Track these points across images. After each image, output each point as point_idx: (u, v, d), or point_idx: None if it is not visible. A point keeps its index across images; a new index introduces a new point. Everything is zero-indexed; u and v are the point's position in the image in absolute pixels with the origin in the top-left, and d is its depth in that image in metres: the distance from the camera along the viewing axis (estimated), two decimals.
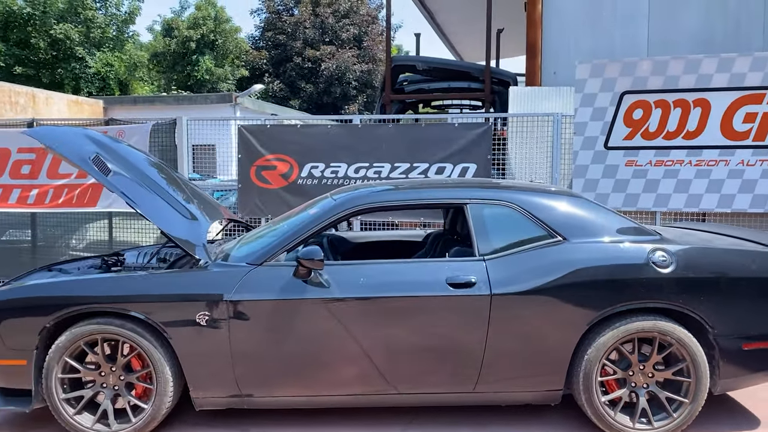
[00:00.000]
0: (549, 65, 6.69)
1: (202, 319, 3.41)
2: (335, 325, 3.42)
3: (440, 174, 6.29)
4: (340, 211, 3.60)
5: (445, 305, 3.39)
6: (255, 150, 6.74)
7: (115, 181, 3.68)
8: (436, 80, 7.69)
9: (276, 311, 3.42)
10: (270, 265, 3.51)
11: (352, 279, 3.44)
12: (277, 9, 30.16)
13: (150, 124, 7.02)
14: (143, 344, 3.43)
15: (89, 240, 7.73)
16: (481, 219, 3.58)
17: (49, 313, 3.42)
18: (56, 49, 20.46)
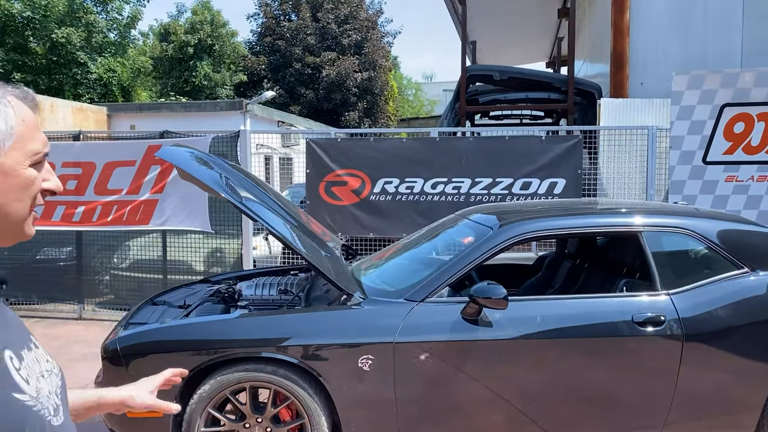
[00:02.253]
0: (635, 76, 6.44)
1: (365, 364, 3.06)
2: (510, 368, 3.09)
3: (526, 189, 6.00)
4: (504, 240, 3.28)
5: (633, 346, 3.09)
6: (324, 165, 6.39)
7: (253, 206, 3.31)
8: (512, 90, 7.40)
9: (445, 353, 3.08)
10: (432, 301, 3.18)
11: (528, 317, 3.12)
12: (275, 14, 29.70)
13: (210, 136, 6.63)
14: (297, 392, 3.07)
15: (139, 259, 7.29)
16: (659, 248, 3.29)
17: (197, 359, 3.04)
18: (56, 54, 19.78)
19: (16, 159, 0.94)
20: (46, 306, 7.26)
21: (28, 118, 0.98)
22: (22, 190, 0.96)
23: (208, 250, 7.20)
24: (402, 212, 6.25)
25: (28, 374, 0.93)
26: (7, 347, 0.92)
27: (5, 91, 0.97)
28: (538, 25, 13.05)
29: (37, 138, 0.98)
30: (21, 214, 0.97)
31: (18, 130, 0.95)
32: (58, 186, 1.04)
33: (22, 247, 7.41)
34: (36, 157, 0.97)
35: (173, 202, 6.72)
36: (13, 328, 0.99)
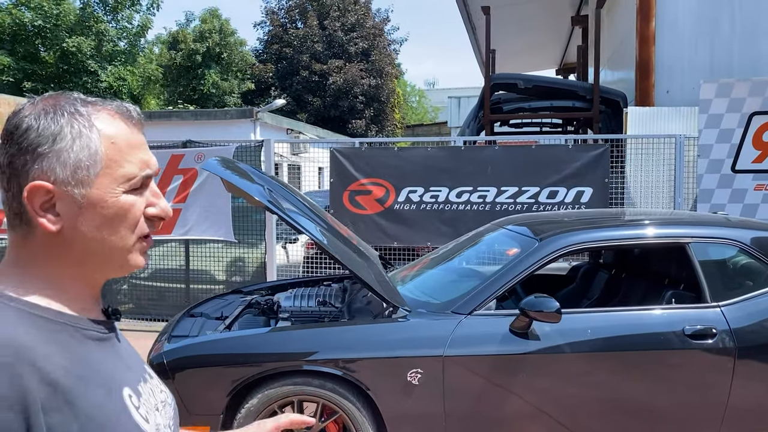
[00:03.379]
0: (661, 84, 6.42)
1: (414, 378, 3.03)
2: (560, 382, 3.06)
3: (552, 198, 5.97)
4: (550, 253, 3.25)
5: (685, 359, 3.05)
6: (348, 174, 6.37)
7: (297, 218, 3.29)
8: (536, 98, 7.39)
9: (494, 367, 3.05)
10: (480, 314, 3.15)
11: (577, 329, 3.09)
12: (282, 22, 29.80)
13: (233, 146, 6.62)
14: (345, 406, 3.04)
15: (160, 268, 7.27)
16: (707, 260, 3.26)
17: (245, 372, 3.02)
18: (66, 62, 19.85)
19: (105, 187, 0.84)
20: None
21: (119, 139, 0.86)
22: (116, 221, 0.85)
23: (230, 259, 7.19)
24: (426, 221, 6.23)
25: (147, 411, 0.89)
26: (126, 385, 0.87)
27: (94, 109, 0.86)
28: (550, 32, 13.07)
29: (132, 159, 0.87)
30: (121, 246, 0.87)
31: (106, 154, 0.84)
32: (166, 211, 0.92)
33: None
34: (132, 183, 0.86)
35: (196, 211, 6.71)
36: (129, 362, 0.94)
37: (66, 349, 0.81)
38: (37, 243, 0.85)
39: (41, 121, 0.83)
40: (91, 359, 0.84)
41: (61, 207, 0.83)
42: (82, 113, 0.85)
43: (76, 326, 0.85)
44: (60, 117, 0.84)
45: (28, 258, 0.86)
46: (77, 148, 0.83)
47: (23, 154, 0.83)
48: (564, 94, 7.26)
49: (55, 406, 0.76)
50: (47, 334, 0.80)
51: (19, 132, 0.83)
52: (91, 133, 0.84)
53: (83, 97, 0.89)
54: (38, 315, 0.81)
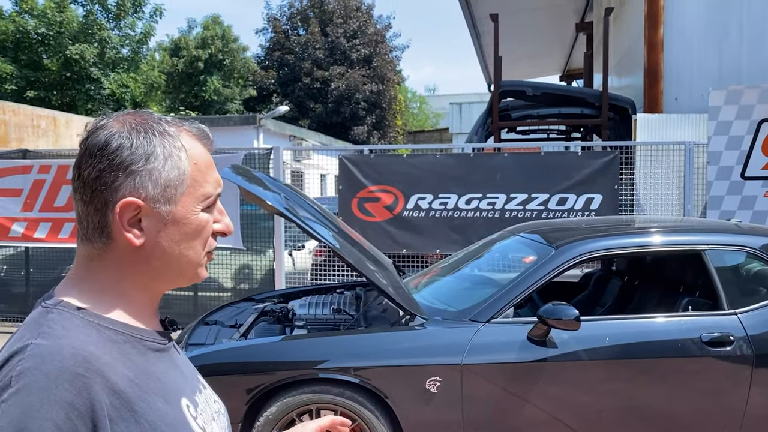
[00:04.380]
0: (669, 91, 6.43)
1: (432, 385, 3.03)
2: (579, 389, 3.06)
3: (562, 205, 5.98)
4: (568, 260, 3.26)
5: (702, 366, 3.05)
6: (357, 181, 6.38)
7: (314, 226, 3.30)
8: (544, 105, 7.40)
9: (513, 375, 3.05)
10: (498, 322, 3.15)
11: (596, 337, 3.09)
12: (284, 29, 29.90)
13: (241, 153, 6.63)
14: (364, 414, 3.04)
15: None
16: (723, 267, 3.26)
17: (264, 380, 3.02)
18: (69, 69, 19.92)
19: (187, 206, 0.89)
20: None
21: (200, 160, 0.91)
22: (193, 236, 0.90)
23: (238, 266, 7.18)
24: (436, 228, 6.23)
25: (204, 421, 0.91)
26: (184, 395, 0.89)
27: (180, 130, 0.91)
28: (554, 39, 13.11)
29: (209, 179, 0.92)
30: (194, 260, 0.92)
31: (190, 174, 0.89)
32: (229, 228, 0.97)
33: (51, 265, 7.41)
34: (208, 201, 0.91)
35: None
36: (186, 372, 0.96)
37: (130, 360, 0.83)
38: (115, 256, 0.88)
39: (134, 140, 0.86)
40: (152, 369, 0.87)
41: (146, 223, 0.87)
42: (171, 134, 0.90)
43: (139, 337, 0.88)
44: (152, 136, 0.88)
45: (100, 271, 0.88)
46: (168, 167, 0.87)
47: (114, 170, 0.85)
48: (572, 101, 7.29)
49: (120, 416, 0.78)
50: (113, 345, 0.83)
51: (111, 149, 0.85)
52: (181, 154, 0.89)
53: (166, 117, 0.93)
54: (106, 327, 0.84)
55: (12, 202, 7.10)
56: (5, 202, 7.13)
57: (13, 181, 7.13)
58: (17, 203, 7.08)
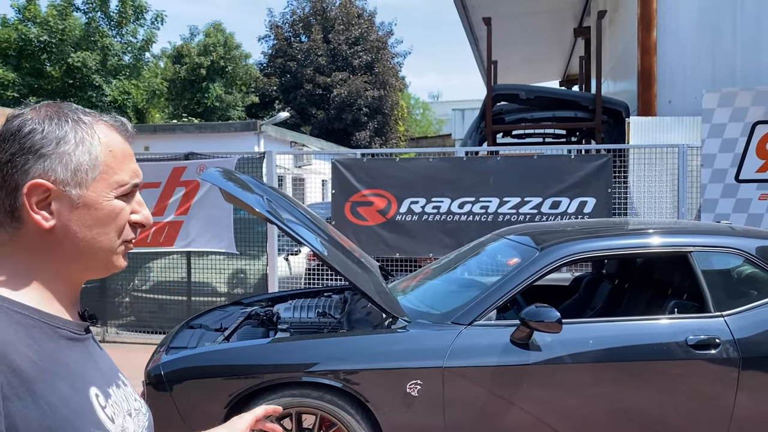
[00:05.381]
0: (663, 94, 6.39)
1: (413, 389, 2.99)
2: (561, 393, 3.02)
3: (555, 208, 5.95)
4: (551, 262, 3.22)
5: (688, 369, 3.01)
6: (350, 185, 6.37)
7: (296, 229, 3.28)
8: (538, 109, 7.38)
9: (495, 378, 3.01)
10: (480, 325, 3.11)
11: (579, 340, 3.05)
12: (286, 36, 30.01)
13: (235, 158, 6.63)
14: (344, 418, 3.01)
15: (162, 280, 7.26)
16: (710, 269, 3.22)
17: (242, 384, 2.99)
18: (72, 77, 20.02)
19: (100, 191, 0.91)
20: None
21: (116, 148, 0.94)
22: (106, 222, 0.92)
23: (231, 271, 7.17)
24: (428, 232, 6.20)
25: (114, 412, 0.91)
26: (94, 384, 0.90)
27: (94, 120, 0.94)
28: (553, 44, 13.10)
29: (125, 168, 0.94)
30: (108, 247, 0.93)
31: (104, 161, 0.91)
32: (148, 219, 0.99)
33: None
34: (122, 189, 0.93)
35: (198, 223, 6.70)
36: (101, 365, 0.97)
37: (36, 343, 0.84)
38: (25, 241, 0.89)
39: (45, 125, 0.89)
40: (61, 356, 0.87)
41: (56, 206, 0.89)
42: (86, 122, 0.92)
43: (51, 324, 0.88)
44: (65, 123, 0.91)
45: (12, 255, 0.90)
46: (80, 152, 0.90)
47: (25, 153, 0.87)
48: (566, 104, 7.25)
49: (16, 394, 0.79)
50: (19, 327, 0.83)
51: (23, 133, 0.88)
52: (93, 140, 0.91)
53: (84, 108, 0.96)
54: (15, 310, 0.84)
55: None
56: None
57: None
58: None
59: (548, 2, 10.21)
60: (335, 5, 29.93)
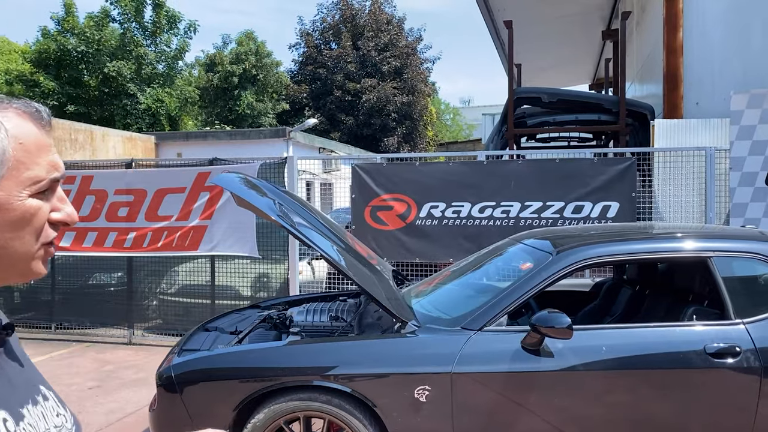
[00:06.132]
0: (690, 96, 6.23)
1: (421, 394, 2.96)
2: (573, 401, 2.95)
3: (578, 213, 5.84)
4: (565, 267, 3.15)
5: (706, 379, 2.91)
6: (370, 189, 6.37)
7: (306, 232, 3.29)
8: (561, 112, 7.28)
9: (505, 385, 2.96)
10: (490, 330, 3.06)
11: (592, 347, 2.98)
12: (316, 43, 30.29)
13: (258, 163, 6.70)
14: (352, 423, 2.99)
15: (187, 284, 7.37)
16: (731, 274, 3.11)
17: (251, 386, 3.00)
18: (108, 86, 20.56)
19: (10, 189, 0.79)
20: (98, 331, 7.39)
21: (28, 140, 0.81)
22: (19, 225, 0.80)
23: (255, 275, 7.23)
24: (449, 237, 6.16)
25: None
26: (2, 408, 0.80)
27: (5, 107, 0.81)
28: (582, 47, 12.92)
29: (40, 162, 0.82)
30: (24, 253, 0.82)
31: (13, 155, 0.79)
32: (71, 217, 0.87)
33: (75, 273, 7.59)
34: (38, 186, 0.81)
35: (222, 228, 6.79)
36: (16, 381, 0.87)
37: None
38: None
39: None
40: None
41: None
42: None
43: None
44: None
45: None
46: None
47: None
48: (589, 107, 7.12)
49: None
50: None
51: None
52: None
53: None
54: None
55: None
56: None
57: None
58: None
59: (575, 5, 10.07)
60: (365, 12, 30.10)
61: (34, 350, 6.82)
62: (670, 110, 6.31)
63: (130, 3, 20.86)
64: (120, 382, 5.62)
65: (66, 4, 20.95)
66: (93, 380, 5.70)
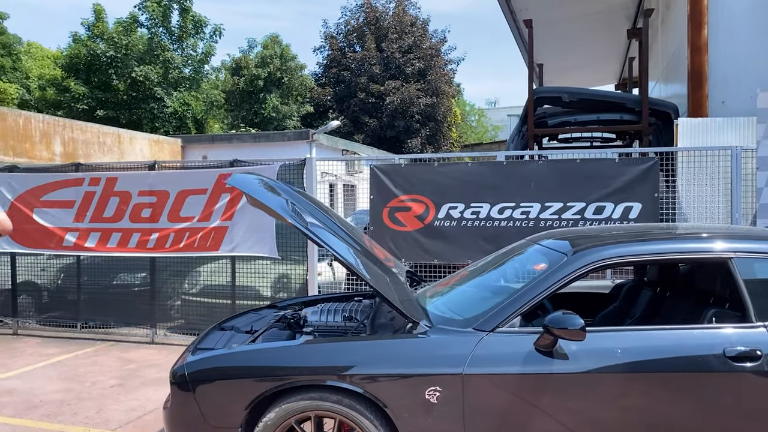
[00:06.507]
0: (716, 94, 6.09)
1: (432, 396, 2.94)
2: (588, 404, 2.89)
3: (599, 214, 5.75)
4: (580, 267, 3.10)
5: (725, 383, 2.83)
6: (388, 190, 6.36)
7: (318, 232, 3.29)
8: (582, 112, 7.19)
9: (518, 387, 2.92)
10: (503, 331, 3.03)
11: (606, 349, 2.92)
12: (341, 46, 30.43)
13: (278, 164, 6.75)
14: (363, 423, 2.98)
15: (209, 284, 7.45)
16: (752, 276, 3.02)
17: (262, 385, 3.01)
18: (136, 90, 20.94)
19: None
20: (122, 330, 7.52)
21: None
22: None
23: (275, 276, 7.28)
24: (467, 238, 6.11)
25: None
26: None
27: None
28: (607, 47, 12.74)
29: None
30: None
31: None
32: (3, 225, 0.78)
33: (101, 273, 7.73)
34: None
35: (242, 228, 6.86)
36: None
37: None
38: None
39: None
40: None
41: None
42: None
43: None
44: None
45: None
46: None
47: None
48: (611, 106, 7.01)
49: None
50: None
51: None
52: None
53: None
54: None
55: (65, 213, 7.49)
56: (60, 213, 7.52)
57: (67, 193, 7.52)
58: (70, 214, 7.46)
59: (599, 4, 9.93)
60: (389, 14, 30.15)
61: (60, 348, 6.96)
62: (694, 109, 6.17)
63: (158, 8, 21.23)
64: (141, 381, 5.70)
65: (96, 10, 21.42)
66: (115, 378, 5.79)
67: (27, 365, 6.27)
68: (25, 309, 7.95)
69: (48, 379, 5.75)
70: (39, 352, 6.85)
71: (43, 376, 5.85)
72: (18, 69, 26.88)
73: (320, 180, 7.45)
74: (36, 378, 5.81)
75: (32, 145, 12.95)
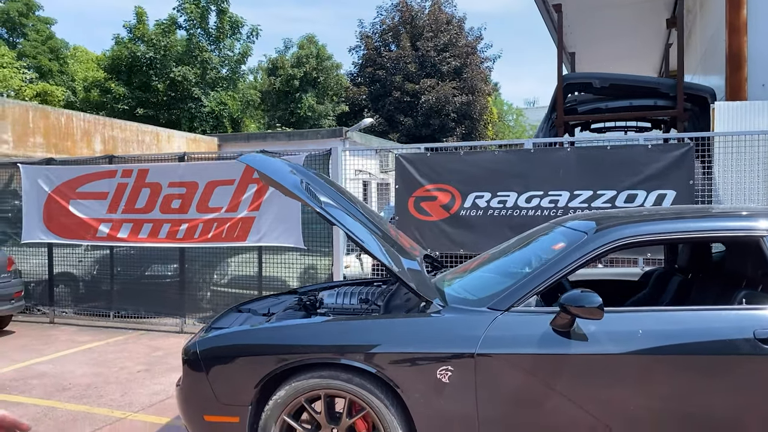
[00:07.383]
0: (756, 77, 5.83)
1: (444, 375, 2.85)
2: (607, 387, 2.77)
3: (631, 202, 5.56)
4: (599, 247, 2.97)
5: (756, 366, 2.66)
6: (413, 180, 6.29)
7: (332, 211, 3.25)
8: (613, 98, 6.97)
9: (532, 368, 2.81)
10: (518, 311, 2.92)
11: (628, 331, 2.78)
12: (376, 45, 30.45)
13: (303, 155, 6.76)
14: (373, 403, 2.92)
15: (237, 275, 7.51)
16: None
17: (272, 363, 2.99)
18: (174, 90, 21.38)
19: None
20: (152, 320, 7.64)
21: None
22: None
23: (302, 267, 7.29)
24: (494, 227, 5.99)
25: None
26: None
27: None
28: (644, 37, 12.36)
29: None
30: None
31: None
32: None
33: (133, 264, 7.88)
34: None
35: (269, 219, 6.89)
36: None
37: None
38: None
39: None
40: None
41: None
42: None
43: None
44: None
45: None
46: None
47: None
48: (645, 92, 6.76)
49: None
50: None
51: None
52: None
53: None
54: None
55: (99, 204, 7.65)
56: (93, 205, 7.69)
57: (101, 185, 7.68)
58: (103, 205, 7.62)
59: None
60: (424, 13, 30.03)
61: (92, 336, 7.12)
62: (732, 92, 5.90)
63: (196, 10, 21.63)
64: (167, 367, 5.76)
65: (137, 13, 21.97)
66: (142, 364, 5.87)
67: (59, 351, 6.43)
68: (61, 299, 8.17)
69: (78, 364, 5.88)
70: (72, 339, 7.01)
71: (73, 362, 5.98)
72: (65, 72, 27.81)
73: (353, 178, 7.43)
74: (67, 363, 5.94)
75: (73, 143, 13.32)
